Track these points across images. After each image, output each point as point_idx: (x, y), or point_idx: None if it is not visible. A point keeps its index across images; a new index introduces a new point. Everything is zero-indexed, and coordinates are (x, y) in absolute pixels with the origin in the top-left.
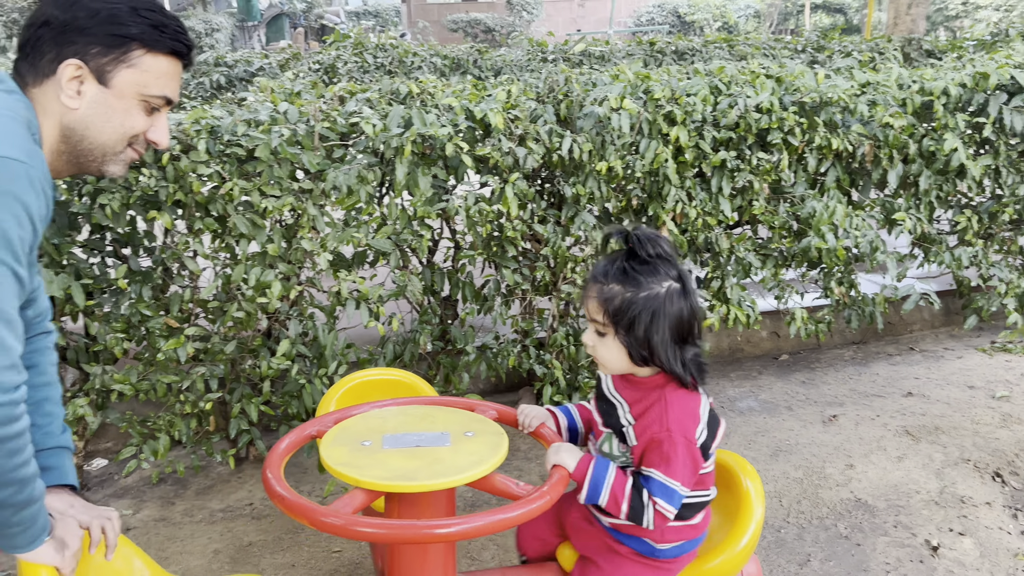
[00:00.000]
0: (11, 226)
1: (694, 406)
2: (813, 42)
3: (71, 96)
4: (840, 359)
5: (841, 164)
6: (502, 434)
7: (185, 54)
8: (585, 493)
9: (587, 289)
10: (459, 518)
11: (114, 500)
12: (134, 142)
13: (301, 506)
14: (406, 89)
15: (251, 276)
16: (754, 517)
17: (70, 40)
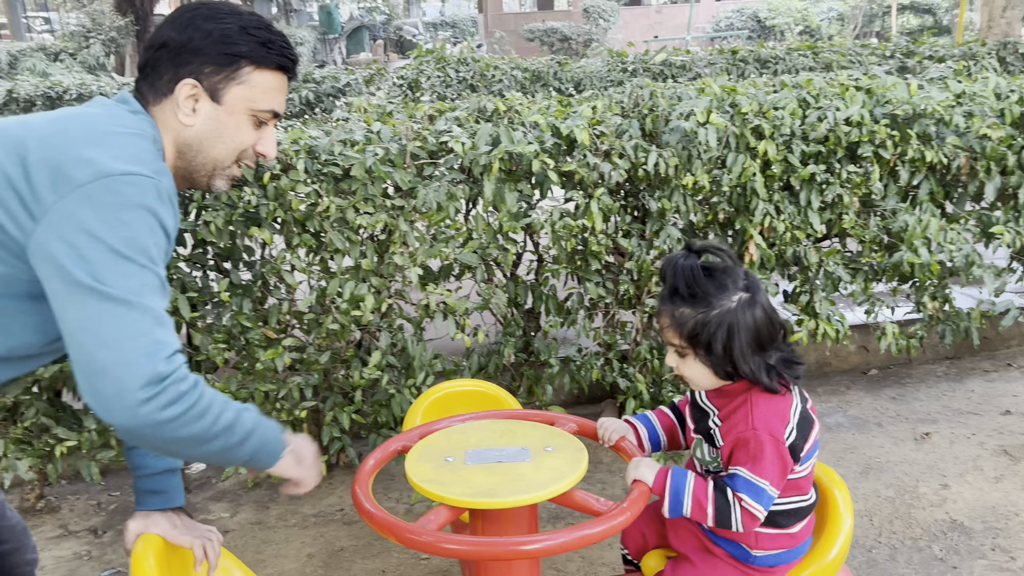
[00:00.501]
0: (148, 237)
1: (783, 407)
2: (902, 47)
3: (187, 114)
4: (932, 375)
5: (935, 177)
6: (582, 449)
7: (290, 68)
8: (667, 505)
9: (660, 314)
10: (542, 535)
11: (212, 503)
12: (242, 157)
13: (389, 523)
14: (493, 107)
15: (345, 289)
16: (843, 528)
17: (186, 61)
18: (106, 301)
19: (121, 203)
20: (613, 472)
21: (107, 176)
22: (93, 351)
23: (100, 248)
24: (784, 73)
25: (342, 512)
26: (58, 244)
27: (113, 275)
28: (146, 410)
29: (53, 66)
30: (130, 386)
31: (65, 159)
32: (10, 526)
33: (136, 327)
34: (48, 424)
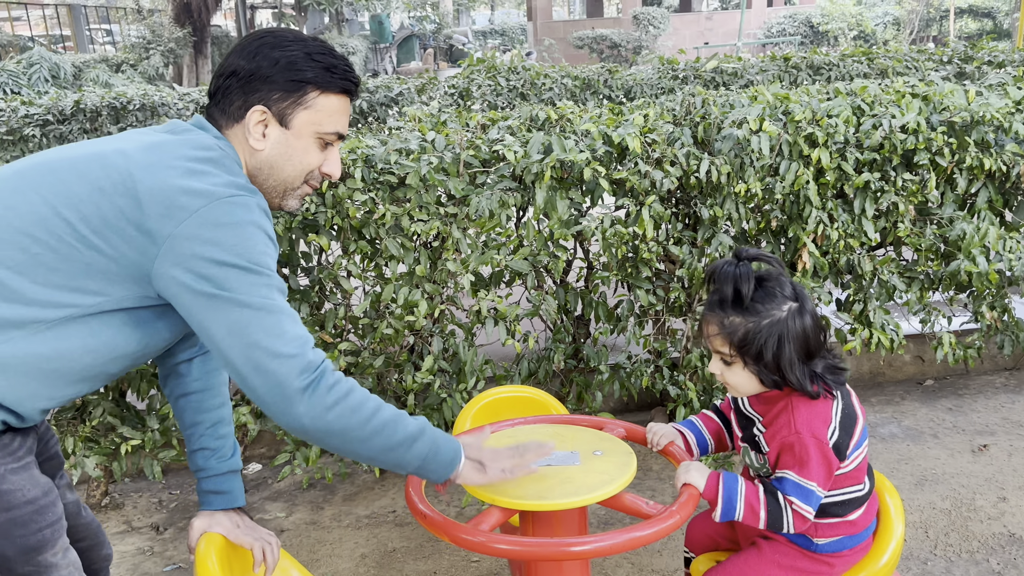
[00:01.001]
0: (261, 248)
1: (823, 408)
2: (960, 52)
3: (257, 139)
4: (991, 386)
5: (994, 184)
6: (630, 453)
7: (353, 91)
8: (720, 510)
9: (707, 321)
10: (592, 537)
11: (268, 503)
12: (310, 177)
13: (442, 523)
14: (544, 115)
15: (399, 295)
16: (895, 533)
17: (255, 88)
18: (244, 308)
19: (234, 222)
20: (663, 479)
21: (217, 200)
22: (246, 352)
23: (225, 266)
24: (838, 80)
25: (394, 514)
26: (182, 269)
27: (244, 286)
28: (306, 399)
29: (115, 77)
30: (286, 378)
31: (174, 189)
32: (86, 523)
33: (278, 326)
34: (114, 423)
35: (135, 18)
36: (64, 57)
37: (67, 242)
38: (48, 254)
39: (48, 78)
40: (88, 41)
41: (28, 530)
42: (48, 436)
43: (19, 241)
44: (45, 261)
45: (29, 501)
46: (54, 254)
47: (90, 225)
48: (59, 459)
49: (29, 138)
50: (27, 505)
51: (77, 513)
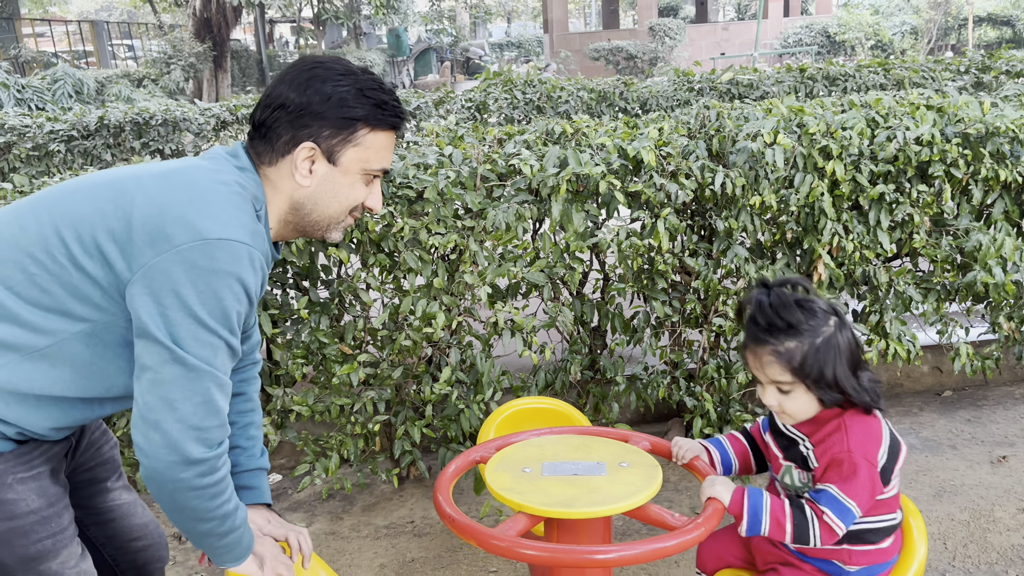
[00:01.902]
0: (231, 304)
1: (876, 429)
2: (977, 62)
3: (304, 175)
4: (1010, 397)
5: (1010, 195)
6: (656, 466)
7: (401, 126)
8: (745, 525)
9: (757, 354)
10: (617, 545)
11: (288, 513)
12: (353, 210)
13: (471, 527)
14: (560, 129)
15: (417, 307)
16: (917, 555)
17: (305, 124)
18: (179, 364)
19: (213, 268)
20: (680, 491)
21: (203, 240)
22: (158, 404)
23: (184, 312)
24: (854, 91)
25: (413, 524)
26: (147, 299)
27: (191, 341)
28: (185, 472)
29: (137, 91)
30: (179, 447)
31: (167, 218)
32: (142, 524)
33: (200, 395)
34: None
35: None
36: (87, 73)
37: (60, 262)
38: (43, 275)
39: (72, 94)
40: (110, 56)
41: (29, 540)
42: (102, 441)
43: (21, 261)
44: (40, 282)
45: (32, 511)
46: (48, 275)
47: (83, 245)
48: (114, 462)
49: (54, 154)
50: (29, 515)
51: (132, 513)
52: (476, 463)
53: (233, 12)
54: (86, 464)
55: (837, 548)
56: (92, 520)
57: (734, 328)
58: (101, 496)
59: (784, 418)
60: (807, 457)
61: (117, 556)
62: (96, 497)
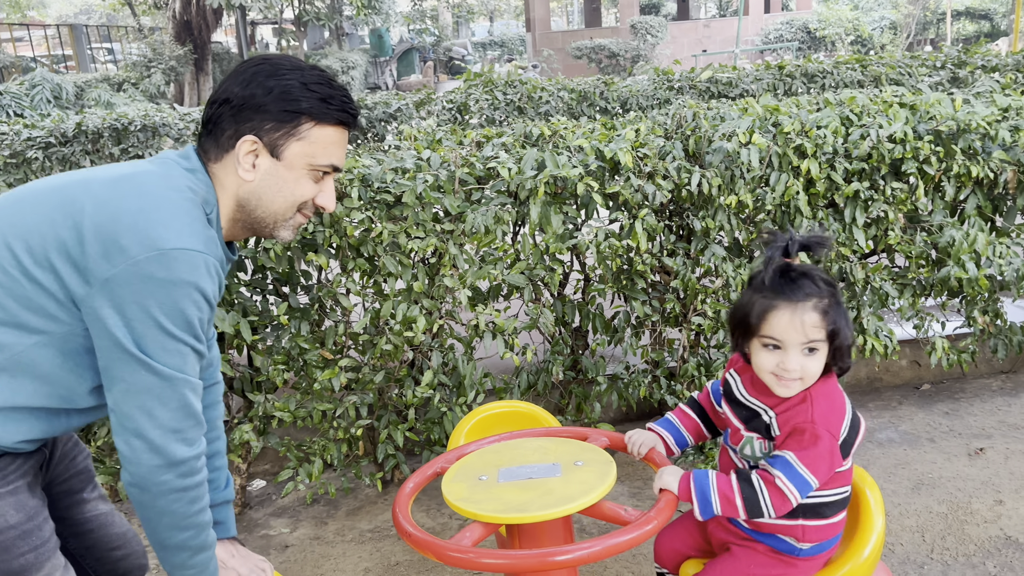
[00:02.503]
0: (192, 312)
1: (840, 403)
2: (953, 58)
3: (247, 169)
4: (987, 389)
5: (982, 191)
6: (611, 462)
7: (350, 122)
8: (698, 508)
9: (792, 310)
10: (573, 546)
11: (273, 519)
12: (303, 208)
13: (428, 542)
14: (538, 131)
15: (398, 311)
16: (875, 528)
17: (247, 117)
18: (151, 374)
19: (172, 280)
20: (649, 480)
21: (159, 251)
22: (135, 413)
23: (150, 323)
24: (832, 87)
25: None
26: (111, 312)
27: (160, 351)
28: (168, 474)
29: (117, 96)
30: (162, 450)
31: (119, 227)
32: (120, 533)
33: (176, 400)
34: None
35: (136, 37)
36: (66, 77)
37: (11, 274)
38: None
39: (50, 99)
40: (90, 60)
41: (11, 555)
42: (75, 452)
43: None
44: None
45: (12, 526)
46: (1, 288)
47: (34, 256)
48: (89, 473)
49: (32, 161)
50: (10, 530)
51: (110, 523)
52: (436, 475)
53: (214, 14)
54: (61, 476)
55: (792, 524)
56: (71, 532)
57: (712, 326)
58: (79, 507)
59: (795, 384)
60: (770, 426)
61: (97, 567)
62: (73, 508)
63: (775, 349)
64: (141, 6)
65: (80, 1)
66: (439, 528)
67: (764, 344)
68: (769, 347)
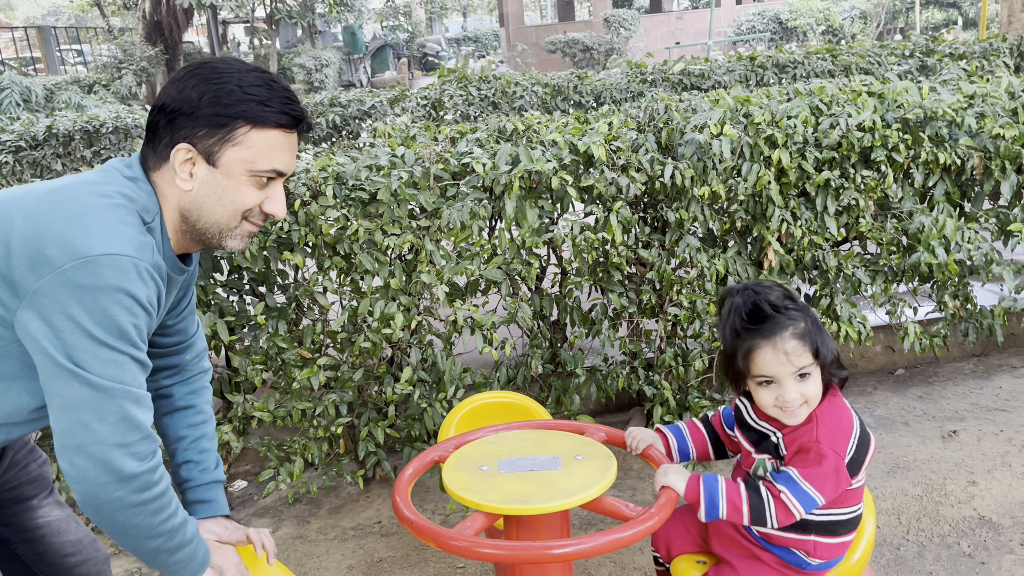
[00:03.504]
0: (124, 319)
1: (847, 422)
2: (921, 46)
3: (184, 179)
4: (960, 372)
5: (950, 177)
6: (611, 457)
7: (293, 125)
8: (704, 510)
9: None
10: (573, 540)
11: (255, 519)
12: (249, 215)
13: (429, 529)
14: (512, 126)
15: (376, 309)
16: (866, 531)
17: (180, 125)
18: (86, 386)
19: (99, 286)
20: (643, 479)
21: (83, 258)
22: (73, 429)
23: (79, 333)
24: (803, 77)
25: (380, 524)
26: (40, 324)
27: (92, 361)
28: (119, 491)
29: (88, 98)
30: (108, 466)
31: (45, 239)
32: (76, 540)
33: (115, 413)
34: None
35: (106, 38)
36: (35, 80)
37: None
38: None
39: (19, 102)
40: (59, 63)
41: None
42: (29, 459)
43: None
44: None
45: None
46: None
47: None
48: (43, 480)
49: (2, 165)
50: None
51: (64, 530)
52: (434, 463)
53: (184, 14)
54: (10, 483)
55: (804, 539)
56: (19, 537)
57: (689, 316)
58: (28, 514)
59: (801, 411)
60: (778, 445)
61: (50, 572)
62: (22, 515)
63: (770, 384)
64: (110, 7)
65: (47, 2)
66: (428, 517)
67: (759, 383)
68: (763, 384)
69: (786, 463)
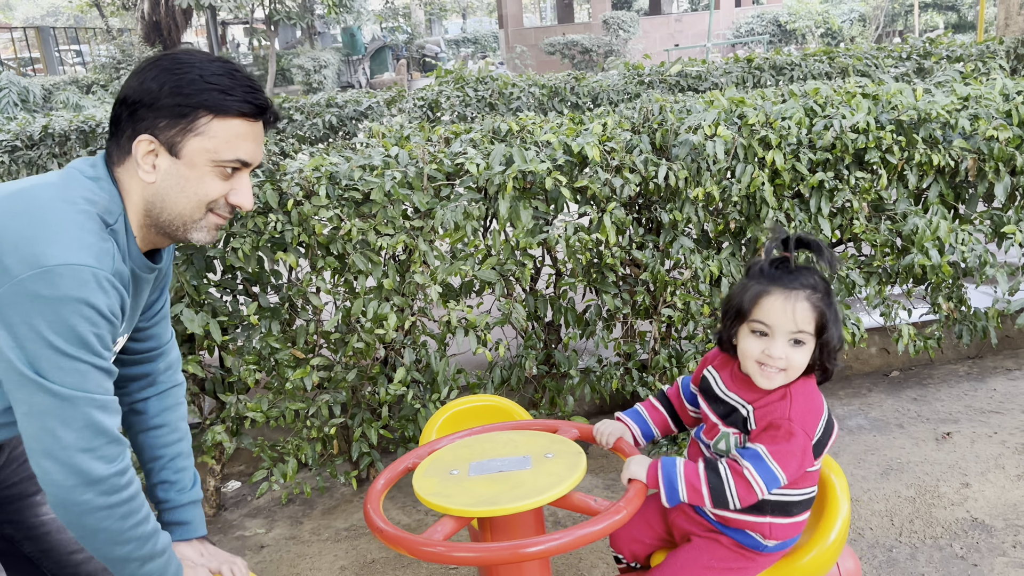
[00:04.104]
0: (85, 328)
1: (818, 403)
2: (919, 48)
3: (147, 171)
4: (954, 375)
5: (944, 179)
6: (580, 453)
7: (256, 114)
8: (664, 495)
9: (785, 298)
10: (543, 537)
11: (248, 519)
12: (214, 207)
13: (400, 538)
14: (506, 127)
15: (369, 309)
16: (840, 512)
17: (141, 116)
18: (49, 395)
19: (58, 297)
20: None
21: (42, 269)
22: (40, 434)
23: (40, 343)
24: (800, 79)
25: None
26: (3, 332)
27: (54, 371)
28: (86, 494)
29: (86, 98)
30: (75, 469)
31: (3, 248)
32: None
33: (79, 420)
34: None
35: (104, 38)
36: (33, 80)
37: None
38: None
39: (17, 102)
40: (58, 63)
41: None
42: (23, 459)
43: None
44: None
45: None
46: None
47: None
48: None
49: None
50: None
51: (61, 528)
52: (408, 470)
53: (183, 15)
54: (8, 480)
55: (760, 520)
56: (24, 535)
57: (683, 317)
58: (30, 510)
59: (778, 376)
60: (747, 420)
61: (57, 570)
62: (25, 512)
63: (762, 336)
64: (109, 7)
65: (47, 3)
66: (415, 524)
67: (753, 330)
68: (757, 333)
69: (753, 439)
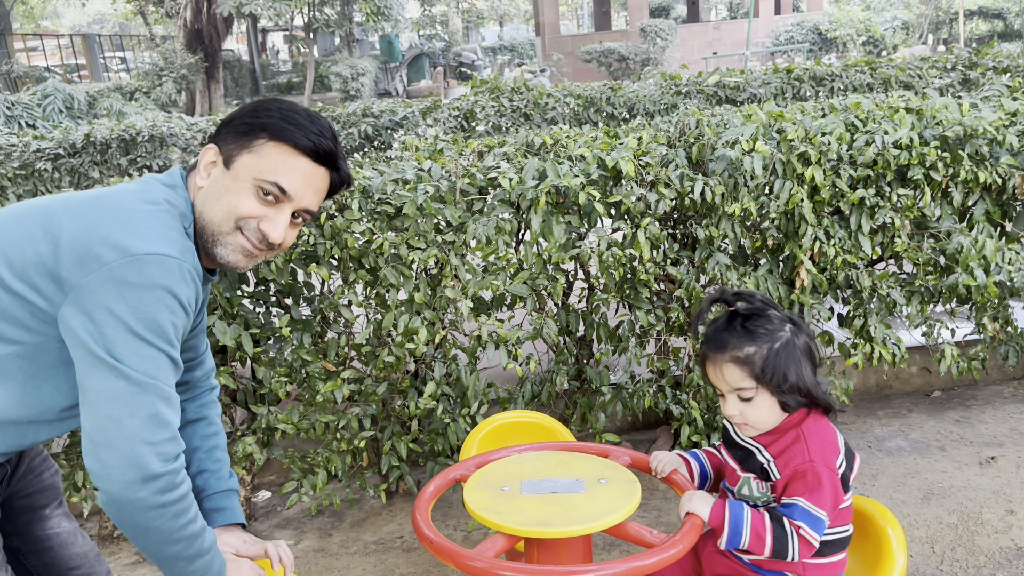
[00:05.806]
0: (165, 317)
1: (832, 438)
2: (964, 59)
3: (203, 177)
4: (999, 396)
5: (991, 196)
6: (635, 481)
7: (312, 152)
8: (726, 538)
9: (717, 363)
10: (594, 565)
11: (278, 530)
12: (243, 226)
13: (448, 549)
14: (540, 141)
15: (400, 323)
16: (896, 566)
17: (219, 131)
18: (121, 379)
19: (144, 283)
20: (669, 499)
21: (131, 256)
22: (104, 423)
23: (120, 327)
24: (841, 91)
25: (402, 539)
26: (82, 319)
27: (131, 355)
28: (143, 491)
29: (129, 105)
30: (134, 463)
31: (94, 239)
32: (82, 552)
33: (146, 408)
34: None
35: (148, 45)
36: (78, 87)
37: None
38: None
39: (62, 109)
40: (103, 69)
41: None
42: (42, 468)
43: None
44: None
45: None
46: None
47: (13, 269)
48: (55, 489)
49: (41, 172)
50: None
51: (72, 542)
52: (456, 482)
53: (224, 23)
54: (24, 491)
55: (792, 561)
56: (30, 548)
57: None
58: (39, 524)
59: (746, 429)
60: (767, 468)
61: None
62: (34, 524)
63: (721, 396)
64: (153, 15)
65: (93, 11)
66: None
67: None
68: (720, 395)
69: (783, 490)
